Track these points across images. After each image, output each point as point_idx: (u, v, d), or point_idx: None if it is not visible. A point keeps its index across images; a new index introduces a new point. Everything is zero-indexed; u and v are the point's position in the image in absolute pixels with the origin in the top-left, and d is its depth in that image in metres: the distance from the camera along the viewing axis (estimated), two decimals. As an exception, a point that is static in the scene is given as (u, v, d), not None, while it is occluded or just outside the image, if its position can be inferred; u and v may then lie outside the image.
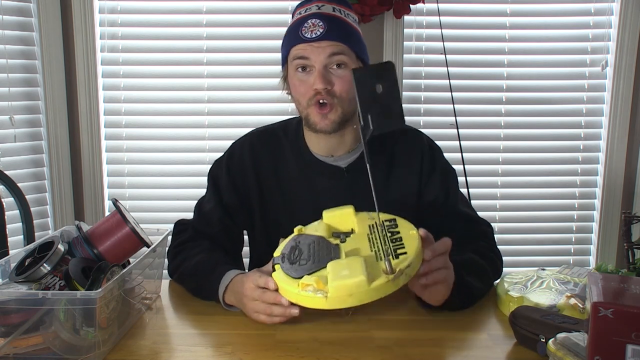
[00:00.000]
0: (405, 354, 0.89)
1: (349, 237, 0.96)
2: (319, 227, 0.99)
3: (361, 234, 0.95)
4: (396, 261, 0.85)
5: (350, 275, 0.83)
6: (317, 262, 0.89)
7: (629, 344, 0.66)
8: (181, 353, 0.91)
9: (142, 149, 2.11)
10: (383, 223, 0.94)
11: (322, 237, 0.95)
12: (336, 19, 1.14)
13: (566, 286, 1.04)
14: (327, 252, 0.91)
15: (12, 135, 1.96)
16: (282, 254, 0.94)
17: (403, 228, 0.93)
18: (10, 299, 0.85)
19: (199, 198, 1.28)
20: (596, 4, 2.05)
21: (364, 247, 0.91)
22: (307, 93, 1.13)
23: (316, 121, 1.14)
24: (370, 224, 0.96)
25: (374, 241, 0.92)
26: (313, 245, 0.93)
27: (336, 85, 1.12)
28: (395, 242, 0.89)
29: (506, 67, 2.08)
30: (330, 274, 0.85)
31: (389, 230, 0.93)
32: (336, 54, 1.11)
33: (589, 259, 2.20)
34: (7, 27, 1.92)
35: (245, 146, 1.25)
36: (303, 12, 1.16)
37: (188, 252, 1.16)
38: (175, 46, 2.05)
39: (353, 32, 1.15)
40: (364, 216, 0.99)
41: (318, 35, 1.11)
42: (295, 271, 0.89)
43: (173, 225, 1.26)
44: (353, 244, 0.93)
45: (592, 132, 2.13)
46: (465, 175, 1.93)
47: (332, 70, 1.12)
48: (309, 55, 1.12)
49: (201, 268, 1.10)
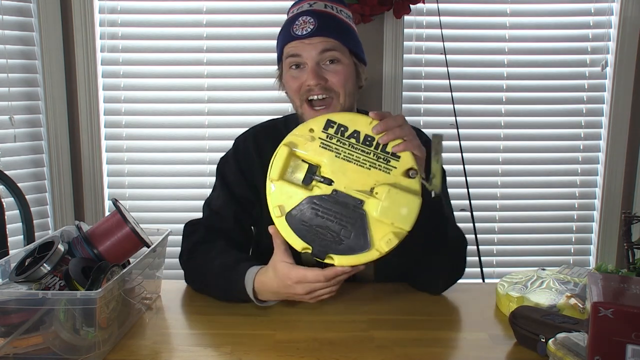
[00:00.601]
0: (405, 354, 0.89)
1: (322, 170, 0.93)
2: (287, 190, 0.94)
3: (330, 159, 0.93)
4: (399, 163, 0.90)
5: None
6: (341, 232, 0.89)
7: (629, 344, 0.66)
8: (181, 353, 0.91)
9: (142, 149, 2.11)
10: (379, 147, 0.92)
11: (345, 202, 0.91)
12: (327, 15, 1.13)
13: (566, 286, 1.04)
14: (352, 214, 0.90)
15: (12, 135, 1.96)
16: (296, 213, 0.92)
17: (355, 124, 0.93)
18: (10, 299, 0.85)
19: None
20: (596, 4, 2.05)
21: (355, 174, 0.91)
22: (300, 89, 1.13)
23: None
24: (320, 144, 0.94)
25: (356, 158, 0.92)
26: (335, 215, 0.91)
27: (330, 79, 1.11)
28: (372, 147, 0.92)
29: (506, 67, 2.08)
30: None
31: (365, 144, 0.92)
32: (328, 49, 1.11)
33: (589, 259, 2.20)
34: (7, 27, 1.92)
35: (250, 140, 1.26)
36: (295, 11, 1.16)
37: (203, 258, 1.13)
38: (175, 46, 2.05)
39: (345, 27, 1.15)
40: (302, 140, 0.95)
41: (309, 32, 1.10)
42: (317, 249, 0.90)
43: (183, 227, 1.24)
44: (341, 179, 0.92)
45: (592, 132, 2.13)
46: (465, 175, 1.93)
47: (325, 66, 1.12)
48: (300, 52, 1.11)
49: (222, 274, 1.07)
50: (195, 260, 1.15)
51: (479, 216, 2.07)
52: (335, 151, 0.92)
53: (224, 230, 1.19)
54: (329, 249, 0.90)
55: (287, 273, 0.94)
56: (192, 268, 1.16)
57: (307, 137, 0.93)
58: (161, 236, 1.12)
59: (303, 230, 0.90)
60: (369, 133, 0.92)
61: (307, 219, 0.91)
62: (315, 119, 0.96)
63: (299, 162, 0.93)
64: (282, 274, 0.95)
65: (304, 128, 0.95)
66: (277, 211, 0.92)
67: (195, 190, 2.07)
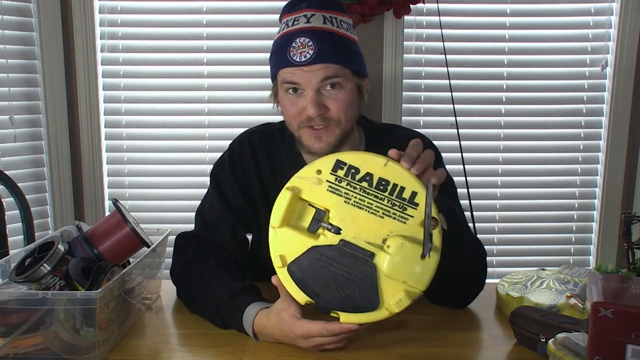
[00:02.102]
0: (405, 354, 0.89)
1: (330, 216, 0.83)
2: (291, 241, 0.84)
3: (338, 205, 0.83)
4: (415, 212, 0.80)
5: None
6: (349, 294, 0.81)
7: (629, 344, 0.66)
8: (181, 353, 0.91)
9: (142, 149, 2.11)
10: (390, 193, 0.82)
11: (356, 257, 0.82)
12: (327, 33, 1.05)
13: (566, 286, 1.04)
14: (360, 273, 0.81)
15: (12, 135, 1.96)
16: (295, 265, 0.84)
17: (368, 165, 0.83)
18: (10, 299, 0.86)
19: (199, 198, 1.23)
20: (596, 4, 2.05)
21: (366, 222, 0.81)
22: (299, 116, 1.07)
23: (310, 144, 1.08)
24: (328, 187, 0.84)
25: (368, 204, 0.82)
26: (338, 272, 0.82)
27: (331, 108, 1.05)
28: (387, 192, 0.81)
29: (506, 67, 2.08)
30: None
31: (377, 189, 0.82)
32: (329, 77, 1.03)
33: (589, 259, 2.20)
34: (7, 27, 1.92)
35: (246, 145, 1.20)
36: (290, 25, 1.07)
37: (196, 284, 1.05)
38: (175, 46, 2.05)
39: (347, 45, 1.08)
40: (308, 183, 0.85)
41: (308, 59, 1.02)
42: (320, 302, 0.83)
43: (174, 240, 1.16)
44: (350, 228, 0.82)
45: (592, 132, 2.13)
46: (465, 175, 1.93)
47: (326, 92, 1.05)
48: (298, 80, 1.04)
49: (217, 311, 0.98)
50: (189, 284, 1.08)
51: (479, 216, 2.07)
52: (345, 196, 0.82)
53: (218, 244, 1.12)
54: (334, 305, 0.82)
55: (291, 326, 0.87)
56: (184, 293, 1.10)
57: (314, 180, 0.84)
58: (161, 236, 1.12)
59: (306, 283, 0.82)
60: (384, 176, 0.82)
61: (311, 271, 0.82)
62: (322, 159, 0.86)
63: (305, 206, 0.84)
64: (287, 326, 0.87)
65: (311, 169, 0.85)
66: (278, 261, 0.83)
67: (196, 190, 2.07)
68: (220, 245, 1.13)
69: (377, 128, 1.24)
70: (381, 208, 0.81)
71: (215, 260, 1.08)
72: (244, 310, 0.94)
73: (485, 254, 1.10)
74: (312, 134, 1.07)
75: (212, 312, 0.99)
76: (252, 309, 0.93)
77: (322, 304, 0.82)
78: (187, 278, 1.09)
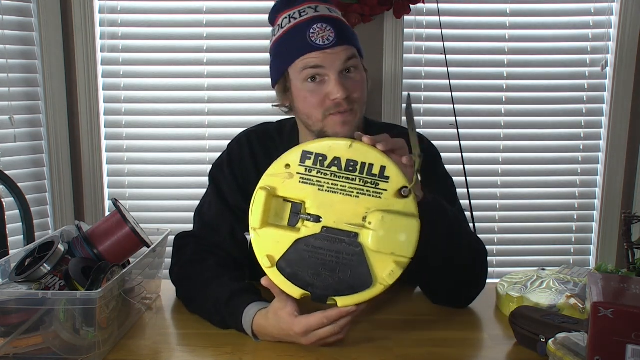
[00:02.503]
0: (405, 354, 0.89)
1: (307, 207, 0.84)
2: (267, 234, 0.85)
3: (313, 194, 0.84)
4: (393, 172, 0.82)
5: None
6: (339, 277, 0.82)
7: (629, 344, 0.66)
8: (181, 353, 0.91)
9: (142, 149, 2.11)
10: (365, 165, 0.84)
11: (312, 239, 0.84)
12: (337, 20, 1.08)
13: (566, 286, 1.04)
14: (346, 257, 0.83)
15: (12, 135, 1.96)
16: (284, 261, 0.85)
17: (334, 150, 0.84)
18: (10, 299, 0.86)
19: (199, 198, 1.23)
20: (596, 4, 2.05)
21: (344, 205, 0.83)
22: (322, 104, 1.06)
23: (337, 131, 1.07)
24: (300, 179, 0.85)
25: (341, 187, 0.84)
26: (322, 256, 0.83)
27: (354, 91, 1.06)
28: (357, 172, 0.83)
29: (506, 67, 2.08)
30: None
31: (349, 170, 0.84)
32: (350, 58, 1.05)
33: (589, 259, 2.20)
34: (7, 27, 1.92)
35: (244, 145, 1.20)
36: (298, 17, 1.07)
37: (194, 284, 1.05)
38: (175, 46, 2.05)
39: (352, 30, 1.12)
40: (280, 179, 0.86)
41: (331, 42, 1.03)
42: (316, 292, 0.83)
43: (173, 240, 1.17)
44: (329, 214, 0.83)
45: (592, 132, 2.13)
46: (465, 175, 1.93)
47: (346, 75, 1.06)
48: (323, 63, 1.03)
49: (217, 311, 0.98)
50: (188, 283, 1.08)
51: (479, 216, 2.07)
52: (318, 184, 0.84)
53: (217, 244, 1.12)
54: (329, 291, 0.83)
55: (290, 325, 0.87)
56: (183, 292, 1.09)
57: (284, 175, 0.85)
58: (161, 236, 1.12)
59: (298, 276, 0.83)
60: (351, 157, 0.83)
61: (301, 264, 0.83)
62: (288, 152, 0.87)
63: (281, 202, 0.85)
64: (285, 324, 0.87)
65: (279, 165, 0.86)
66: (266, 262, 0.84)
67: (196, 190, 2.07)
68: (219, 245, 1.13)
69: (377, 126, 1.24)
70: (355, 188, 0.83)
71: (214, 260, 1.09)
72: (243, 310, 0.94)
73: (486, 253, 1.10)
74: (340, 119, 1.06)
75: (212, 312, 0.99)
76: (252, 309, 0.93)
77: (317, 293, 0.83)
78: (186, 278, 1.09)
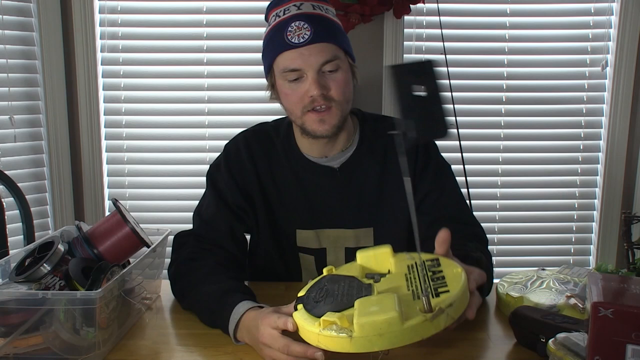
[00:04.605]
0: (406, 354, 0.89)
1: (384, 277, 0.85)
2: (352, 267, 0.89)
3: (398, 274, 0.85)
4: (437, 299, 0.74)
5: (380, 311, 0.71)
6: (345, 301, 0.78)
7: (629, 344, 0.66)
8: (181, 353, 0.91)
9: (142, 149, 2.11)
10: (424, 262, 0.83)
11: (353, 276, 0.85)
12: (320, 17, 1.08)
13: (566, 286, 1.04)
14: (357, 292, 0.80)
15: (12, 135, 1.96)
16: (306, 294, 0.84)
17: (447, 267, 0.83)
18: (10, 299, 0.86)
19: (199, 198, 1.24)
20: (596, 4, 2.05)
21: (401, 287, 0.80)
22: (302, 101, 1.09)
23: (314, 128, 1.10)
24: (409, 264, 0.86)
25: (412, 280, 0.81)
26: (342, 285, 0.83)
27: (332, 89, 1.08)
28: (436, 281, 0.79)
29: (506, 67, 2.08)
30: (357, 311, 0.74)
31: (430, 269, 0.82)
32: (329, 60, 1.06)
33: (589, 259, 2.20)
34: (7, 27, 1.92)
35: (242, 146, 1.21)
36: (281, 15, 1.10)
37: (192, 277, 1.05)
38: (175, 46, 2.05)
39: (337, 27, 1.12)
40: (402, 256, 0.89)
41: (306, 39, 1.05)
42: (319, 310, 0.77)
43: (173, 239, 1.17)
44: (388, 284, 0.83)
45: (592, 132, 2.13)
46: (465, 175, 1.93)
47: (325, 73, 1.08)
48: (299, 63, 1.06)
49: (208, 301, 0.98)
50: (183, 280, 1.07)
51: (479, 216, 2.06)
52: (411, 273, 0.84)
53: (215, 242, 1.13)
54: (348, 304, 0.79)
55: (261, 331, 0.84)
56: (178, 288, 1.09)
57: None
58: (161, 236, 1.12)
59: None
60: (445, 275, 0.80)
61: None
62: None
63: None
64: (266, 316, 0.84)
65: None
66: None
67: (196, 190, 2.06)
68: (218, 244, 1.13)
69: (371, 117, 1.27)
70: (418, 287, 0.79)
71: (213, 258, 1.09)
72: (235, 305, 0.92)
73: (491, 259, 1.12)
74: (316, 117, 1.09)
75: (202, 306, 1.00)
76: (244, 305, 0.92)
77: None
78: (182, 275, 1.09)
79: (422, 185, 1.19)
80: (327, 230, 1.20)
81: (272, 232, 1.21)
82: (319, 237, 1.21)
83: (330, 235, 1.21)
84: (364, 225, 1.20)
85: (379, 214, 1.20)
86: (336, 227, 1.20)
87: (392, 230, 1.20)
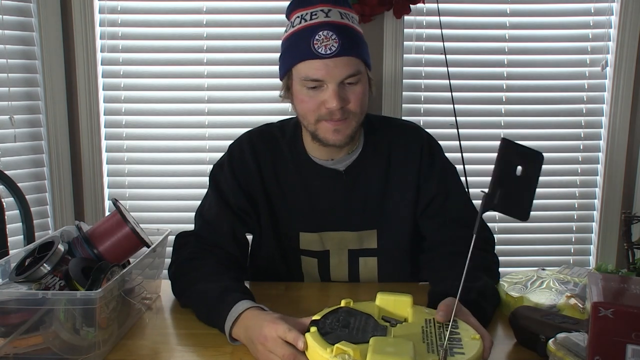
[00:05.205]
0: (405, 354, 0.89)
1: (401, 324, 0.86)
2: (369, 306, 0.90)
3: (415, 324, 0.85)
4: (452, 358, 0.75)
5: (395, 353, 0.72)
6: (359, 335, 0.79)
7: (629, 344, 0.66)
8: (181, 353, 0.91)
9: (142, 149, 2.11)
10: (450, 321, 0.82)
11: (370, 315, 0.86)
12: (347, 28, 1.07)
13: (566, 286, 1.04)
14: (373, 330, 0.81)
15: (12, 135, 1.96)
16: (322, 318, 0.83)
17: (464, 330, 0.84)
18: (10, 299, 0.86)
19: (199, 198, 1.24)
20: (596, 4, 2.05)
21: (416, 337, 0.80)
22: (318, 109, 1.07)
23: (328, 137, 1.09)
24: (427, 318, 0.87)
25: (428, 334, 0.82)
26: (359, 319, 0.84)
27: (351, 101, 1.07)
28: (453, 342, 0.80)
29: (506, 67, 2.08)
30: (372, 347, 0.73)
31: (447, 328, 0.82)
32: (352, 74, 1.05)
33: (589, 259, 2.20)
34: (7, 27, 1.92)
35: (246, 147, 1.20)
36: (308, 19, 1.07)
37: (193, 275, 1.05)
38: (175, 46, 2.05)
39: (361, 39, 1.10)
40: (421, 309, 0.89)
41: (333, 52, 1.03)
42: (333, 336, 0.78)
43: (174, 239, 1.17)
44: (404, 331, 0.83)
45: (592, 132, 2.13)
46: (465, 175, 1.92)
47: (346, 85, 1.06)
48: (323, 77, 1.05)
49: (207, 298, 0.98)
50: (183, 279, 1.07)
51: (479, 216, 2.07)
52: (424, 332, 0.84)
53: (217, 243, 1.13)
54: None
55: (278, 324, 0.82)
56: (178, 287, 1.09)
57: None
58: (161, 236, 1.12)
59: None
60: (462, 338, 0.81)
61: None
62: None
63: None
64: (274, 321, 0.83)
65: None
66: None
67: (196, 190, 2.07)
68: (219, 245, 1.13)
69: (376, 120, 1.26)
70: (434, 342, 0.80)
71: (214, 259, 1.09)
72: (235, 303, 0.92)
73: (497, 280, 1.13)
74: (332, 126, 1.08)
75: (200, 303, 0.99)
76: (244, 304, 0.91)
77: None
78: (183, 274, 1.09)
79: (427, 188, 1.19)
80: (331, 232, 1.20)
81: (274, 234, 1.20)
82: (322, 240, 1.20)
83: (334, 237, 1.20)
84: (368, 228, 1.20)
85: (383, 216, 1.20)
86: (340, 230, 1.20)
87: (396, 233, 1.20)
